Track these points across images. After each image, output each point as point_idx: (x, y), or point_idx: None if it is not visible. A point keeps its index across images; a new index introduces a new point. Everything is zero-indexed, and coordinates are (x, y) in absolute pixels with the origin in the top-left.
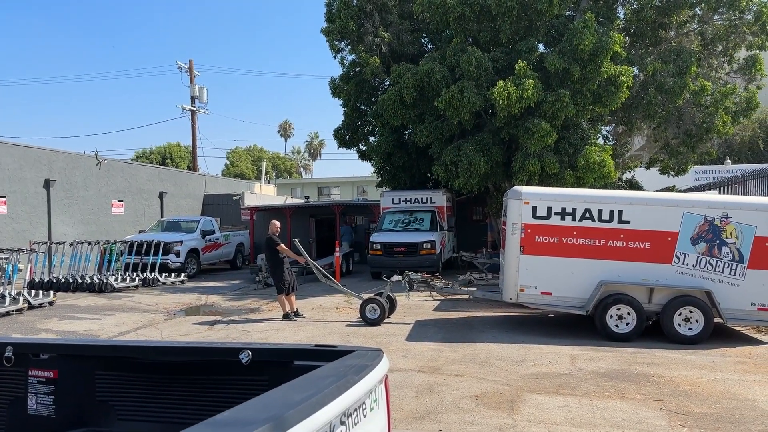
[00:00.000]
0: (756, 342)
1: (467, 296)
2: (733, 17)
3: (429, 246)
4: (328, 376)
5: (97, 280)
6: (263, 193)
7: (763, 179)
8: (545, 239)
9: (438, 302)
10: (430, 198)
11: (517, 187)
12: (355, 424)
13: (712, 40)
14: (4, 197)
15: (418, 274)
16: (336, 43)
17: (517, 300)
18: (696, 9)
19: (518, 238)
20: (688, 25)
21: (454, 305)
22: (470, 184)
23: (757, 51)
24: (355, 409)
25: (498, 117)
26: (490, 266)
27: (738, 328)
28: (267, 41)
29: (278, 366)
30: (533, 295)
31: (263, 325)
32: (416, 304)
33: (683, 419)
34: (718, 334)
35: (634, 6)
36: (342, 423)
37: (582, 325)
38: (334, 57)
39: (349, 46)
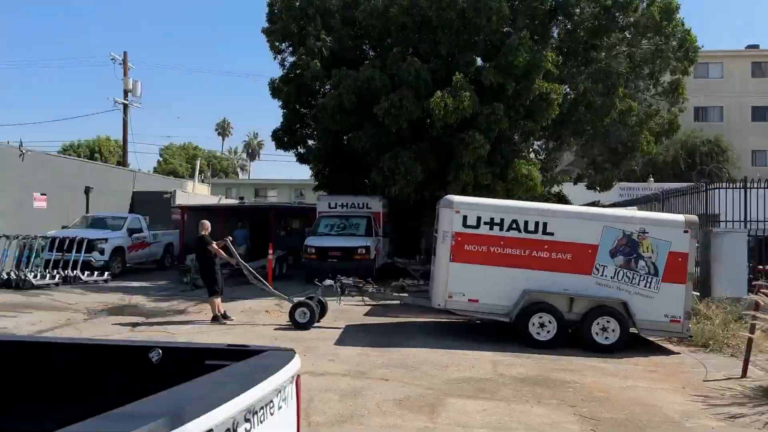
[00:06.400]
0: (667, 352)
1: (398, 302)
2: (660, 42)
3: (364, 251)
4: (235, 374)
5: (15, 277)
6: (196, 192)
7: (681, 198)
8: (474, 248)
9: (369, 307)
10: (367, 204)
11: (449, 196)
12: (261, 422)
13: (640, 63)
14: None
15: (351, 278)
16: (277, 44)
17: (446, 306)
18: (626, 32)
19: (448, 245)
20: (617, 47)
21: (386, 311)
22: (406, 191)
23: (680, 75)
24: (262, 408)
25: (435, 127)
26: (423, 273)
27: (652, 339)
28: (207, 38)
29: (189, 365)
30: (461, 302)
31: (189, 328)
32: (347, 308)
33: (594, 424)
34: (632, 343)
35: (568, 27)
36: (246, 420)
37: (506, 332)
38: (275, 58)
39: (290, 48)
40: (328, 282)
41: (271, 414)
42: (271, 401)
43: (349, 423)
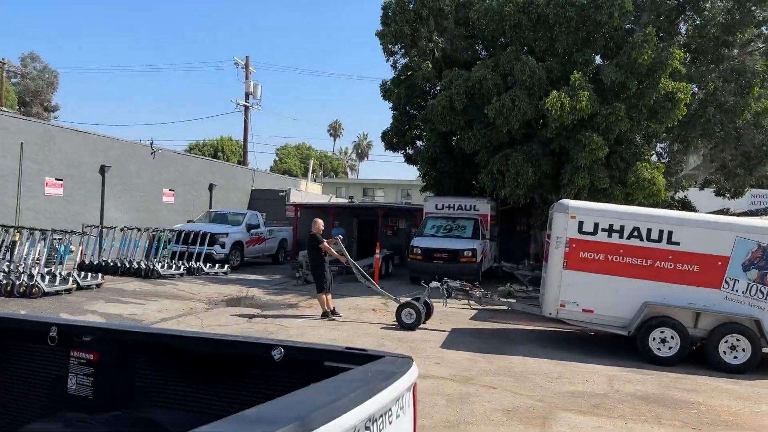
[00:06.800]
0: None
1: (506, 307)
2: None
3: (470, 254)
4: (356, 380)
5: (144, 266)
6: (309, 191)
7: None
8: (590, 255)
9: (475, 311)
10: (474, 206)
11: (564, 201)
12: (380, 431)
13: None
14: (61, 180)
15: (457, 281)
16: (390, 46)
17: (557, 315)
18: (762, 28)
19: (562, 252)
20: (752, 44)
21: (492, 315)
22: (516, 194)
23: None
24: (381, 416)
25: (549, 127)
26: (531, 279)
27: None
28: (320, 41)
29: (309, 366)
30: (574, 312)
31: (300, 322)
32: (453, 311)
33: None
34: (765, 365)
35: (697, 22)
36: (366, 428)
37: (622, 346)
38: (387, 60)
39: (403, 50)
40: (435, 284)
41: (389, 423)
42: (390, 409)
43: (456, 429)
